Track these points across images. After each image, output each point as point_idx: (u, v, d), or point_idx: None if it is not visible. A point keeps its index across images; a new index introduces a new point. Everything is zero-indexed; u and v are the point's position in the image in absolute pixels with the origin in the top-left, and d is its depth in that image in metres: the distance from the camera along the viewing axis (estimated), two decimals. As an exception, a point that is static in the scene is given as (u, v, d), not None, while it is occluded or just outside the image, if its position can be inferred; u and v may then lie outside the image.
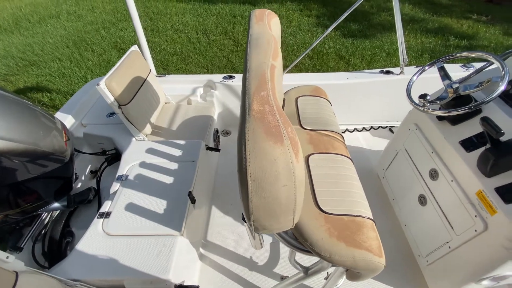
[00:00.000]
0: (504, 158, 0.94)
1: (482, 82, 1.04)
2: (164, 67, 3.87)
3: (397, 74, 1.99)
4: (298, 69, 4.01)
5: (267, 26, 0.97)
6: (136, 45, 1.75)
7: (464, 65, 2.00)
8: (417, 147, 1.38)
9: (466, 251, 1.10)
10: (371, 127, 2.25)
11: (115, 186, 1.40)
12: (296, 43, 4.52)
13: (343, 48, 4.34)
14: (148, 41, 4.83)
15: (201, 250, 1.52)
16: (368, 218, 0.90)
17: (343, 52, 4.26)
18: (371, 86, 2.02)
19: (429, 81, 1.56)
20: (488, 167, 0.99)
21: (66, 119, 1.74)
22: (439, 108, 1.24)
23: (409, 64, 4.00)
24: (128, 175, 1.43)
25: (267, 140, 0.54)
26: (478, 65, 2.02)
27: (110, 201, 1.33)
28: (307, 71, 3.97)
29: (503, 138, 1.02)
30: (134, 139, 1.65)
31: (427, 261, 1.33)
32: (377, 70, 2.07)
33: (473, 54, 1.12)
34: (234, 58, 4.14)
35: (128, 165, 1.48)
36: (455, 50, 4.11)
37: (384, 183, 1.76)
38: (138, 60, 1.70)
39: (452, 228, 1.16)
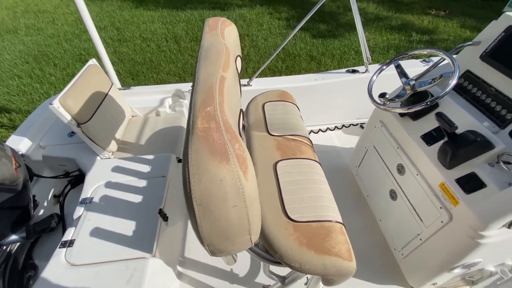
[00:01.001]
0: (461, 150, 0.98)
1: (435, 78, 1.07)
2: (133, 78, 3.74)
3: (363, 73, 2.05)
4: (272, 72, 4.03)
5: (220, 35, 0.94)
6: (94, 59, 1.66)
7: (424, 60, 2.09)
8: (384, 144, 1.41)
9: (435, 242, 1.13)
10: (343, 125, 2.29)
11: (79, 210, 1.31)
12: (268, 46, 4.54)
13: (314, 48, 4.43)
14: (115, 51, 4.64)
15: (179, 268, 1.46)
16: (337, 222, 0.90)
17: (314, 53, 4.34)
18: (339, 86, 2.06)
19: (396, 77, 1.60)
20: (447, 160, 1.02)
21: (22, 142, 1.62)
22: (400, 105, 1.27)
23: (377, 61, 4.14)
24: (92, 198, 1.34)
25: (211, 160, 0.51)
26: (436, 59, 2.13)
27: (73, 228, 1.24)
28: (280, 73, 4.00)
29: (459, 131, 1.07)
30: (98, 158, 1.56)
31: (402, 254, 1.35)
32: (344, 70, 2.12)
33: (425, 51, 1.16)
34: (207, 64, 4.09)
35: (93, 187, 1.39)
36: (418, 44, 4.32)
37: (358, 180, 1.79)
38: (97, 74, 1.61)
39: (422, 221, 1.19)
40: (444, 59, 1.34)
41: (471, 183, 0.97)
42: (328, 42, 4.56)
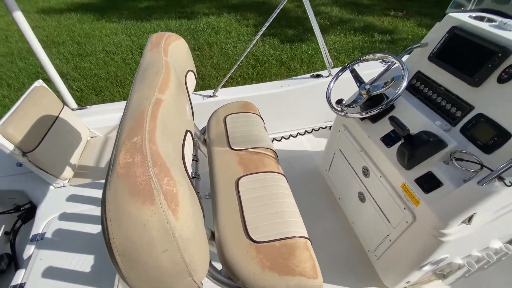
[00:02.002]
0: (417, 150, 0.99)
1: (386, 82, 1.09)
2: (97, 94, 3.56)
3: (326, 77, 2.08)
4: (243, 79, 4.02)
5: (162, 52, 0.89)
6: (40, 80, 1.54)
7: (383, 61, 2.16)
8: (348, 147, 1.42)
9: (403, 242, 1.14)
10: (312, 129, 2.30)
11: (29, 249, 1.18)
12: (238, 53, 4.54)
13: (283, 53, 4.48)
14: (76, 67, 4.41)
15: None
16: (301, 237, 0.87)
17: (283, 58, 4.39)
18: (304, 91, 2.07)
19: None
20: (405, 161, 1.03)
21: (-38, 177, 1.45)
22: (360, 109, 1.29)
23: (343, 62, 4.26)
24: (44, 233, 1.22)
25: (132, 202, 0.46)
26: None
27: (23, 270, 1.12)
28: (251, 80, 4.00)
29: (414, 131, 1.09)
30: (51, 187, 1.43)
31: (375, 255, 1.36)
32: (308, 75, 2.14)
33: (376, 56, 1.18)
34: (175, 75, 3.99)
35: (45, 221, 1.27)
36: (380, 44, 4.51)
37: (329, 183, 1.79)
38: (45, 96, 1.49)
39: (389, 222, 1.20)
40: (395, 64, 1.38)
41: (429, 183, 0.99)
42: (296, 46, 4.64)
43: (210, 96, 1.92)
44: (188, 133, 0.78)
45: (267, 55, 4.47)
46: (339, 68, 2.20)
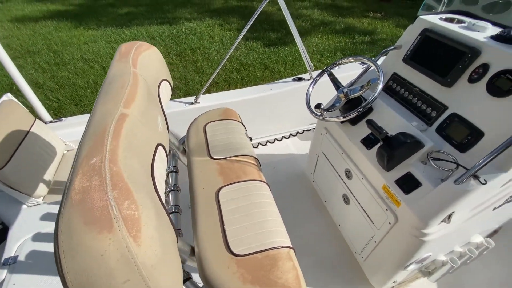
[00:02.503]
0: (395, 152, 1.00)
1: (363, 85, 1.10)
2: (76, 104, 3.44)
3: (308, 80, 2.09)
4: (228, 83, 3.99)
5: (131, 62, 0.85)
6: (9, 94, 1.46)
7: (362, 63, 2.20)
8: (331, 150, 1.43)
9: (388, 243, 1.15)
10: (297, 132, 2.31)
11: (1, 273, 1.11)
12: (221, 58, 4.51)
13: (266, 57, 4.50)
14: (53, 77, 4.26)
15: None
16: (283, 246, 0.86)
17: (267, 61, 4.41)
18: (287, 94, 2.08)
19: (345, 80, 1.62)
20: (385, 162, 1.04)
21: None
22: (340, 113, 1.29)
23: (327, 64, 4.32)
24: (17, 256, 1.15)
25: (87, 231, 0.42)
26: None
27: None
28: (236, 84, 3.98)
29: (392, 132, 1.10)
30: (24, 206, 1.35)
31: (362, 257, 1.36)
32: (290, 79, 2.15)
33: (352, 59, 1.19)
34: (158, 81, 3.92)
35: (17, 242, 1.20)
36: (361, 45, 4.60)
37: (315, 186, 1.79)
38: (14, 111, 1.42)
39: (373, 223, 1.20)
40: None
41: (408, 183, 1.00)
42: (280, 49, 4.67)
43: (192, 103, 1.89)
44: (160, 147, 0.75)
45: (251, 59, 4.48)
46: (319, 71, 2.23)
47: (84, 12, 6.09)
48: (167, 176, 1.12)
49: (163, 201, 0.62)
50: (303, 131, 2.32)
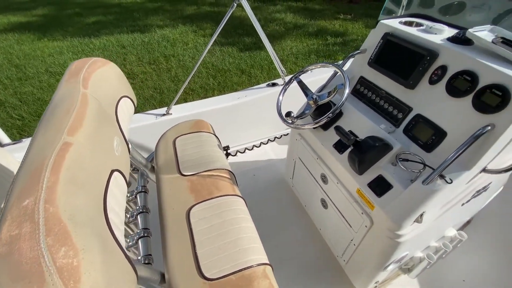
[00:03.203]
0: (365, 155, 1.01)
1: (330, 91, 1.11)
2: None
3: (282, 85, 2.09)
4: (204, 90, 3.93)
5: (81, 83, 0.79)
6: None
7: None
8: (306, 155, 1.42)
9: (366, 245, 1.15)
10: (275, 137, 2.30)
11: None
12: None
13: (242, 62, 4.49)
14: (15, 93, 4.00)
15: None
16: (259, 264, 0.83)
17: (243, 66, 4.40)
18: (262, 100, 2.06)
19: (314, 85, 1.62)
20: (356, 166, 1.04)
21: None
22: (312, 119, 1.30)
23: (301, 66, 4.37)
24: None
25: None
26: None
27: None
28: (213, 90, 3.93)
29: (361, 136, 1.11)
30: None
31: (344, 260, 1.36)
32: (264, 85, 2.14)
33: (318, 66, 1.20)
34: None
35: None
36: (334, 46, 4.71)
37: (294, 191, 1.79)
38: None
39: (351, 227, 1.21)
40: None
41: (380, 186, 1.01)
42: (255, 54, 4.68)
43: (164, 115, 1.82)
44: (117, 173, 0.69)
45: (227, 64, 4.45)
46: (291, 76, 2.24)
47: (49, 22, 5.79)
48: (136, 197, 1.05)
49: (117, 236, 0.56)
50: (281, 135, 2.32)
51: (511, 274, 1.46)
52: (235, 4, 1.56)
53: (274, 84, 2.11)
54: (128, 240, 0.90)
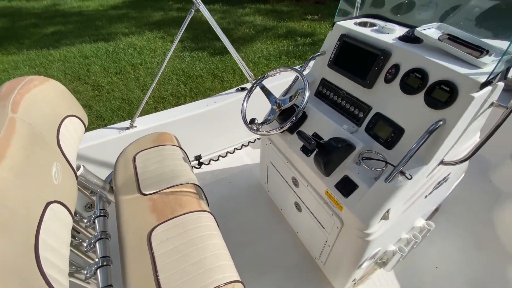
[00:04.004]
0: (330, 157, 1.01)
1: (291, 96, 1.10)
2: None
3: (250, 89, 2.07)
4: (176, 98, 3.83)
5: (10, 106, 0.71)
6: None
7: (301, 66, 2.25)
8: (277, 159, 1.41)
9: (339, 246, 1.16)
10: (249, 141, 2.28)
11: None
12: (167, 71, 4.33)
13: (214, 66, 4.43)
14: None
15: None
16: (227, 282, 0.79)
17: (215, 70, 4.34)
18: (232, 106, 2.03)
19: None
20: (322, 168, 1.04)
21: None
22: (279, 124, 1.29)
23: (272, 67, 4.39)
24: None
25: None
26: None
27: None
28: (185, 97, 3.84)
29: (325, 137, 1.11)
30: None
31: (322, 261, 1.36)
32: (234, 90, 2.11)
33: (278, 70, 1.19)
34: (97, 104, 3.60)
35: None
36: (303, 47, 4.79)
37: (270, 195, 1.77)
38: None
39: (324, 228, 1.20)
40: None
41: (347, 187, 1.01)
42: (227, 58, 4.64)
43: (127, 128, 1.72)
44: (56, 205, 0.62)
45: (198, 69, 4.37)
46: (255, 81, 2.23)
47: (1, 35, 5.37)
48: (94, 223, 0.97)
49: (54, 277, 0.50)
50: (255, 140, 2.30)
51: (479, 256, 1.53)
52: (193, 11, 1.52)
53: (243, 89, 2.09)
54: (86, 272, 0.83)
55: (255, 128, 1.14)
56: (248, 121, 1.14)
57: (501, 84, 0.89)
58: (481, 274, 1.46)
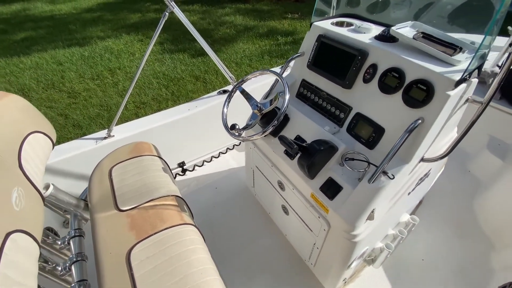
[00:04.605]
0: (312, 160, 0.99)
1: (272, 99, 1.08)
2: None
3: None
4: (158, 102, 3.73)
5: None
6: None
7: (282, 67, 2.23)
8: (262, 163, 1.39)
9: (328, 248, 1.15)
10: (234, 145, 2.24)
11: None
12: (146, 75, 4.21)
13: (195, 68, 4.35)
14: None
15: None
16: None
17: (197, 72, 4.26)
18: (215, 109, 1.99)
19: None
20: (306, 171, 1.03)
21: None
22: (260, 127, 1.26)
23: (256, 68, 4.36)
24: None
25: None
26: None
27: None
28: (167, 101, 3.74)
29: (308, 139, 1.10)
30: None
31: (311, 263, 1.35)
32: (215, 92, 2.06)
33: (257, 74, 1.16)
34: (74, 112, 3.45)
35: None
36: (285, 46, 4.80)
37: (258, 199, 1.75)
38: None
39: (312, 231, 1.19)
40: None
41: (331, 189, 1.00)
42: (208, 59, 4.57)
43: (104, 138, 1.64)
44: (17, 235, 0.56)
45: (179, 72, 4.28)
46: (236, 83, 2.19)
47: (-35, 42, 5.05)
48: (69, 244, 0.91)
49: None
50: (240, 142, 2.26)
51: (462, 245, 1.58)
52: (167, 13, 1.46)
53: (225, 91, 2.05)
54: (61, 298, 0.77)
55: (236, 134, 1.11)
56: (229, 127, 1.11)
57: (475, 80, 0.90)
58: (465, 262, 1.50)
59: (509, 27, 1.54)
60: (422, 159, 0.98)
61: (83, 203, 1.05)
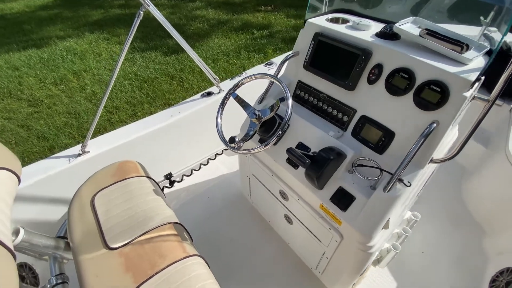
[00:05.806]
0: (322, 170, 0.92)
1: (273, 105, 0.99)
2: None
3: (218, 93, 1.90)
4: (132, 106, 3.47)
5: None
6: None
7: (267, 64, 2.14)
8: (260, 172, 1.30)
9: (339, 257, 1.10)
10: (223, 149, 2.12)
11: None
12: (117, 76, 3.88)
13: (170, 67, 4.11)
14: None
15: None
16: None
17: (172, 71, 4.03)
18: (199, 113, 1.85)
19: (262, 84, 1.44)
20: (315, 182, 0.96)
21: None
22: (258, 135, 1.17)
23: (234, 65, 4.20)
24: None
25: None
26: (278, 60, 2.21)
27: None
28: (142, 104, 3.50)
29: (310, 145, 1.03)
30: None
31: (319, 271, 1.31)
32: (199, 95, 1.92)
33: (253, 78, 1.06)
34: (37, 122, 3.11)
35: None
36: (261, 40, 4.67)
37: (255, 207, 1.66)
38: None
39: (321, 241, 1.14)
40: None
41: (343, 199, 0.94)
42: (183, 56, 4.33)
43: (79, 155, 1.43)
44: None
45: (153, 72, 4.02)
46: (227, 81, 2.05)
47: None
48: None
49: None
50: (228, 147, 2.15)
51: (458, 235, 1.62)
52: (141, 12, 1.29)
53: (209, 94, 1.91)
54: None
55: (236, 147, 1.00)
56: (228, 140, 1.00)
57: (482, 78, 0.87)
58: (462, 251, 1.54)
59: None
60: (431, 160, 0.95)
61: (62, 242, 0.89)
